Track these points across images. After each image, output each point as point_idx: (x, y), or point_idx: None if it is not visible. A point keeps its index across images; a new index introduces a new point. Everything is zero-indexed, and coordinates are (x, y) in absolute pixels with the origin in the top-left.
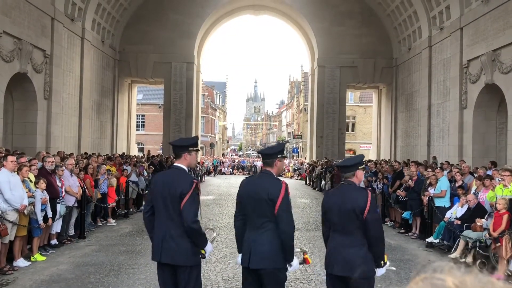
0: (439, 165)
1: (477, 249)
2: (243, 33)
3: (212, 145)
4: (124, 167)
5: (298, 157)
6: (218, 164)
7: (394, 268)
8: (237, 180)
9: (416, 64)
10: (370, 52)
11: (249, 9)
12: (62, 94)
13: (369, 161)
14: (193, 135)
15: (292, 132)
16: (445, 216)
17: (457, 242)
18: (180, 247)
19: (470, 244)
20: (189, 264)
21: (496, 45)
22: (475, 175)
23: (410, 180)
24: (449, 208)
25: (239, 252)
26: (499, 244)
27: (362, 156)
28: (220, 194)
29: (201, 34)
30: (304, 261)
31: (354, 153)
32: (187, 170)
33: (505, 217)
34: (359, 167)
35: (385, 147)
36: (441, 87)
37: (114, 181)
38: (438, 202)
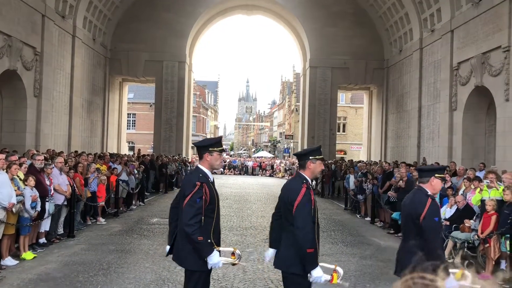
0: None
1: (465, 249)
2: (235, 33)
3: None
4: (112, 165)
5: (290, 157)
6: None
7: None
8: (227, 179)
9: (407, 66)
10: (362, 54)
11: (241, 9)
12: (52, 92)
13: (359, 161)
14: (184, 134)
15: (284, 132)
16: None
17: (445, 242)
18: (183, 249)
19: (458, 245)
20: (189, 268)
21: (486, 48)
22: (464, 176)
23: (401, 181)
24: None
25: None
26: (487, 245)
27: (444, 166)
28: None
29: (193, 33)
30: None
31: (345, 153)
32: (205, 171)
33: (493, 218)
34: (436, 175)
35: (375, 148)
36: (431, 89)
37: (104, 178)
38: None
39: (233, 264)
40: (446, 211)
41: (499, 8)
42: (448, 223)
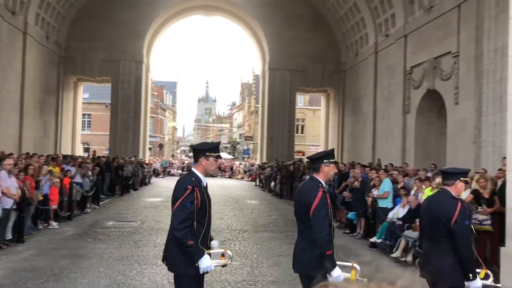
0: (383, 167)
1: (417, 248)
2: (195, 33)
3: (161, 146)
4: (66, 167)
5: (249, 158)
6: (167, 165)
7: (499, 285)
8: None
9: (362, 69)
10: (319, 57)
11: (200, 10)
12: (1, 90)
13: None
14: (141, 135)
15: (243, 133)
16: (388, 217)
17: (398, 241)
18: (173, 254)
19: (410, 244)
20: (178, 273)
21: (437, 53)
22: (416, 177)
23: (356, 182)
24: (392, 209)
25: None
26: None
27: (467, 170)
28: (168, 196)
29: (151, 33)
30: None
31: (303, 154)
32: (199, 175)
33: None
34: (461, 178)
35: None
36: (386, 92)
37: (56, 181)
38: (381, 203)
39: (223, 266)
40: (399, 211)
41: (449, 15)
42: (401, 222)
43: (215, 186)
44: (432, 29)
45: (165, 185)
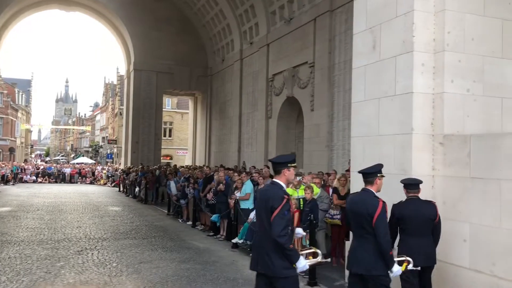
0: (248, 169)
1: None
2: (53, 29)
3: (12, 149)
4: None
5: (113, 163)
6: (19, 171)
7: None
8: (41, 188)
9: (229, 75)
10: (187, 60)
11: (58, 4)
12: None
13: (181, 167)
14: None
15: (107, 136)
16: (249, 217)
17: None
18: (272, 259)
19: None
20: (283, 276)
21: (296, 63)
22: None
23: (221, 184)
24: (253, 209)
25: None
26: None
27: (420, 180)
28: (18, 205)
29: None
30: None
31: (171, 158)
32: (284, 186)
33: (297, 215)
34: (419, 188)
35: (200, 153)
36: (250, 98)
37: None
38: (243, 204)
39: (319, 264)
40: None
41: (306, 27)
42: None
43: (74, 193)
44: (292, 40)
45: (15, 193)
